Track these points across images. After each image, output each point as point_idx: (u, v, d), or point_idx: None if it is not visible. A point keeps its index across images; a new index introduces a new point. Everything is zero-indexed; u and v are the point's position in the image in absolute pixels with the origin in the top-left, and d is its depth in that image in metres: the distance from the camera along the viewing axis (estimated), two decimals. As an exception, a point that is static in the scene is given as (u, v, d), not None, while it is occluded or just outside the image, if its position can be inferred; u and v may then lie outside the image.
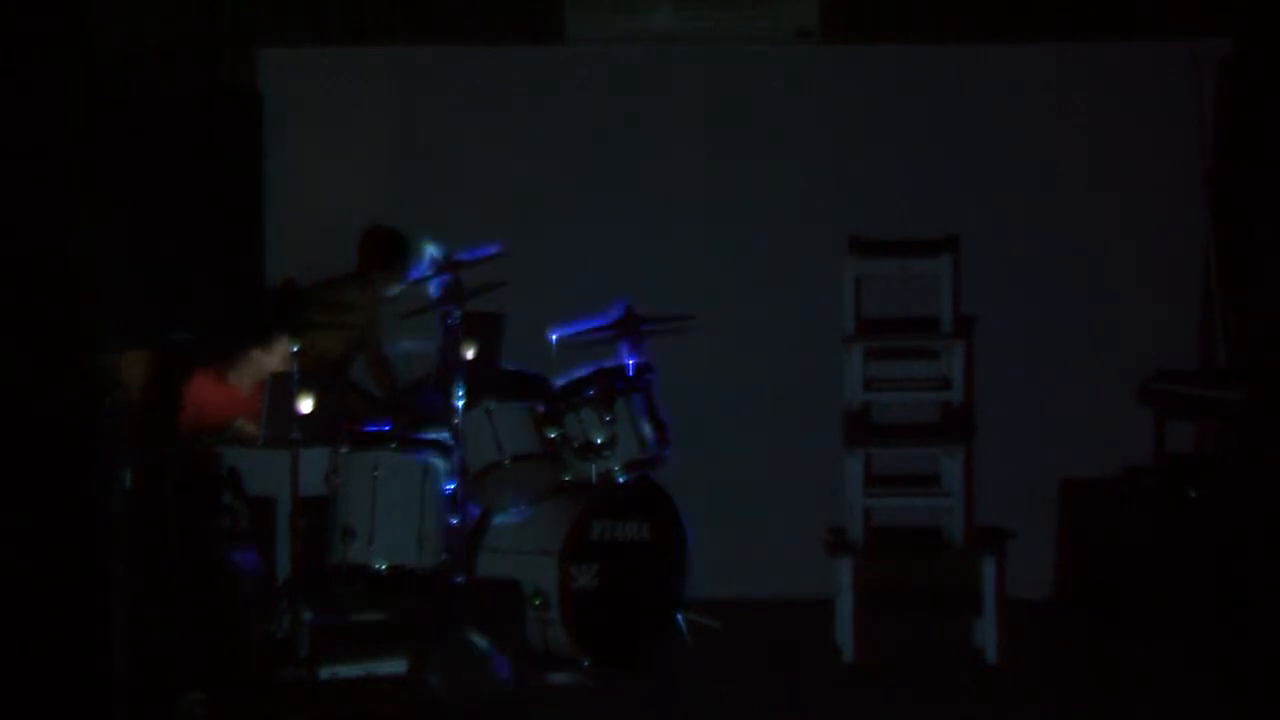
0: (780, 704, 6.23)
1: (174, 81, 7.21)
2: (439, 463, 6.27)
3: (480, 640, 5.85)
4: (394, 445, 6.28)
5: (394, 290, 7.30)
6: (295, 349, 6.10)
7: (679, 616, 6.86)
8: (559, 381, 6.89)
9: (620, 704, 6.22)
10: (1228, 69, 7.68)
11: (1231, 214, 7.62)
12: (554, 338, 6.91)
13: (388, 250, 7.42)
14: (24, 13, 4.93)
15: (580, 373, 6.90)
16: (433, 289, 6.46)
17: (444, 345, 6.40)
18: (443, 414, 6.36)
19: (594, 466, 6.73)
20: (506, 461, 6.53)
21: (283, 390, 6.09)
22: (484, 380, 6.58)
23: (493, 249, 6.49)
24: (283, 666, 5.71)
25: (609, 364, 6.96)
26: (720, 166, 7.89)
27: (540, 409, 6.69)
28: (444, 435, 6.34)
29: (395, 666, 5.72)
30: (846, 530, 6.89)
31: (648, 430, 6.82)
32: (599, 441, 6.72)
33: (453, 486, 6.25)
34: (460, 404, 6.32)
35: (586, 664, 6.49)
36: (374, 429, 6.46)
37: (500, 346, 7.27)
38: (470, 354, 6.47)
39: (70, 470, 4.91)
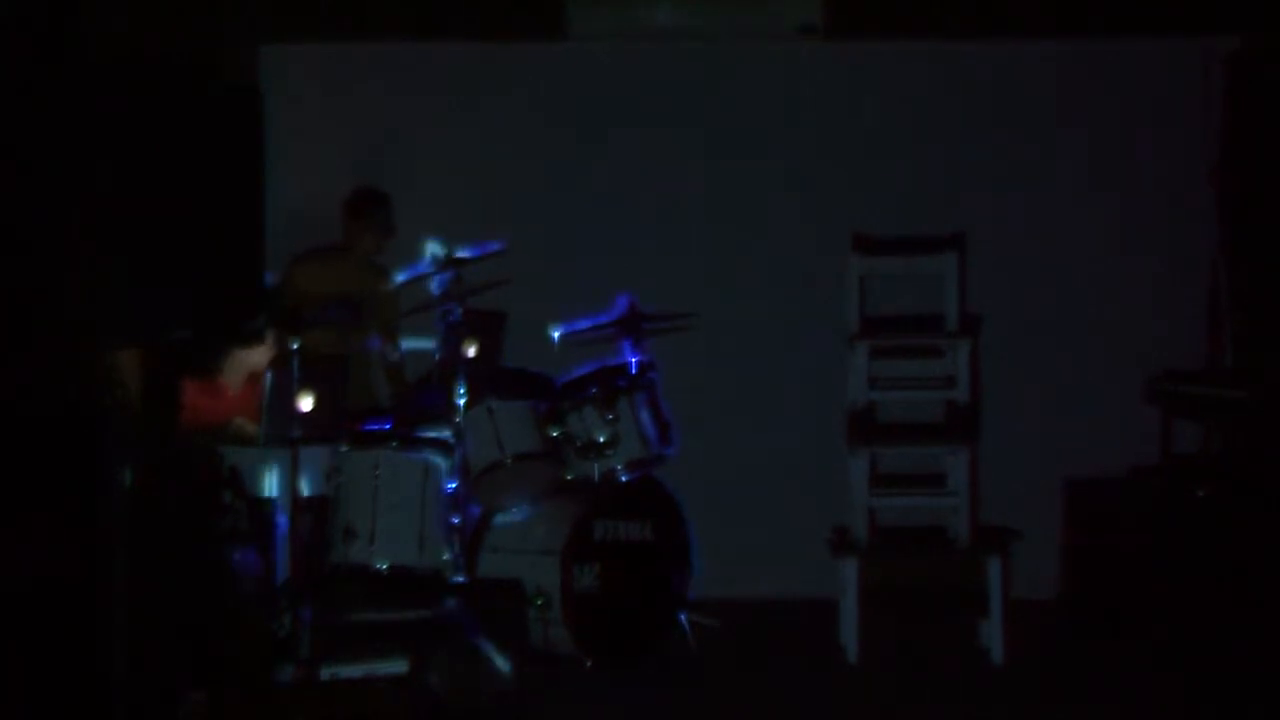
0: (783, 704, 6.20)
1: (174, 79, 7.17)
2: (440, 462, 6.25)
3: (481, 640, 5.83)
4: (395, 444, 6.26)
5: (378, 242, 7.29)
6: (295, 347, 6.07)
7: (681, 616, 6.83)
8: (561, 380, 6.87)
9: (621, 704, 6.20)
10: (1235, 66, 7.65)
11: (1239, 212, 7.60)
12: (556, 336, 6.90)
13: (359, 202, 7.38)
14: (23, 12, 4.91)
15: (582, 371, 6.88)
16: (434, 287, 6.45)
17: (445, 343, 6.38)
18: (444, 413, 6.34)
19: (596, 465, 6.70)
20: (508, 461, 6.50)
21: (283, 388, 6.06)
22: (485, 379, 6.56)
23: (494, 246, 6.48)
24: (283, 666, 5.69)
25: (611, 362, 6.93)
26: (723, 164, 7.85)
27: (542, 408, 6.66)
28: (445, 434, 6.32)
29: (395, 666, 5.70)
30: (851, 530, 6.87)
31: (650, 429, 6.79)
32: (601, 440, 6.69)
33: (454, 486, 6.23)
34: (462, 403, 6.30)
35: (588, 664, 6.47)
36: (375, 428, 6.44)
37: (502, 345, 7.25)
38: (472, 352, 6.44)
39: (70, 470, 4.88)
